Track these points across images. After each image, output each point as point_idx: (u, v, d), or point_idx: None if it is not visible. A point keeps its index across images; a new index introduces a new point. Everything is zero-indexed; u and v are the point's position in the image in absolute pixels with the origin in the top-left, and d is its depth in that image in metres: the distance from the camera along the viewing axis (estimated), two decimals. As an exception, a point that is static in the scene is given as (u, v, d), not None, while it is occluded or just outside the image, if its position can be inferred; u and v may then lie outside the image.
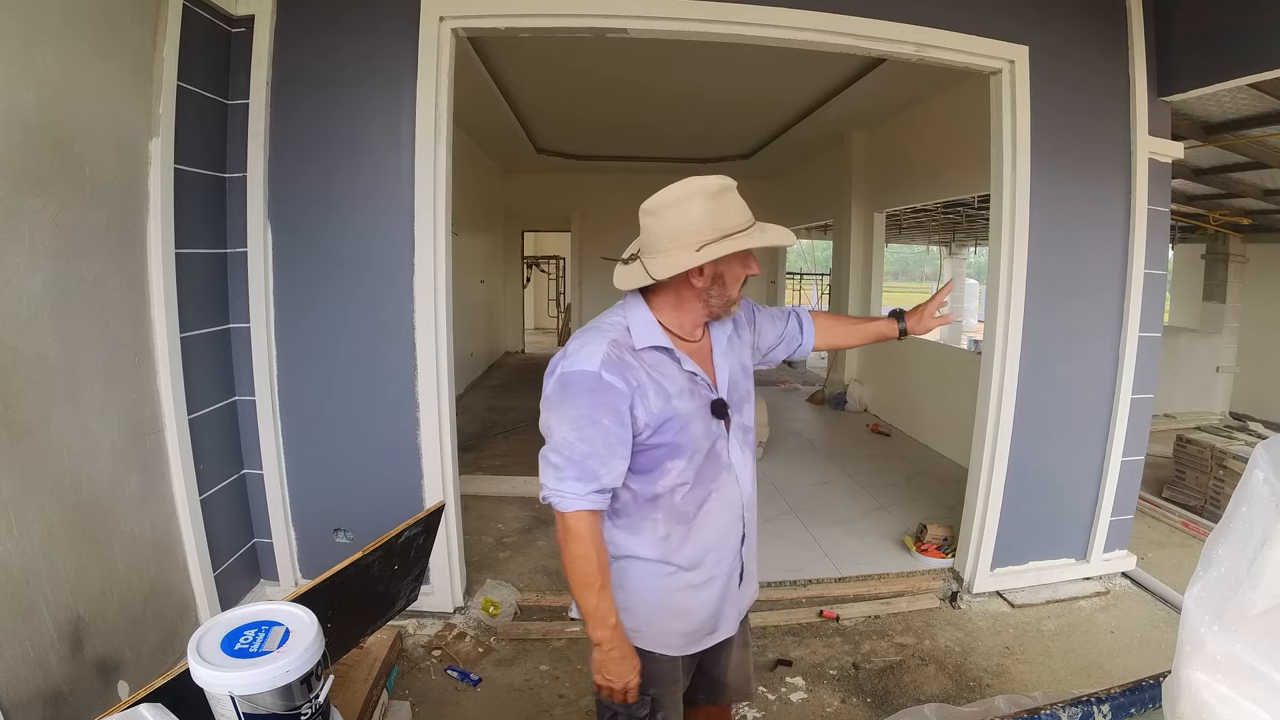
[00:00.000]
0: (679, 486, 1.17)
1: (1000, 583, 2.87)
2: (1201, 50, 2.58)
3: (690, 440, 1.16)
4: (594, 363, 1.09)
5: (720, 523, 1.23)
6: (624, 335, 1.14)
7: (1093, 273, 2.77)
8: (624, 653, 1.16)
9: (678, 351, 1.17)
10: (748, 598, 1.35)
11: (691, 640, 1.27)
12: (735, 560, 1.27)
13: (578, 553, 1.12)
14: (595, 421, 1.08)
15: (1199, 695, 0.75)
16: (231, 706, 0.78)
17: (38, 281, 1.62)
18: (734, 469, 1.24)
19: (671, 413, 1.13)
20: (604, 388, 1.08)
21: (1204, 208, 5.43)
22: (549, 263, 12.21)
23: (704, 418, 1.18)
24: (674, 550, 1.20)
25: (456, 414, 2.63)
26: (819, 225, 8.74)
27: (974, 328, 12.44)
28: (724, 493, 1.22)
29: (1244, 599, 0.77)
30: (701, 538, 1.21)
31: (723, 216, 1.11)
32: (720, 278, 1.16)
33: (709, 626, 1.27)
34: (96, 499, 1.81)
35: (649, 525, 1.19)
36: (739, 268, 1.18)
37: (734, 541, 1.26)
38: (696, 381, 1.18)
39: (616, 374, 1.09)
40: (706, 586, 1.24)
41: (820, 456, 4.95)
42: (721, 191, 1.13)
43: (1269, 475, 0.80)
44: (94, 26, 1.79)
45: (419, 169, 2.35)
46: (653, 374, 1.13)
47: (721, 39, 2.45)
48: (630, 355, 1.12)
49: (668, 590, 1.21)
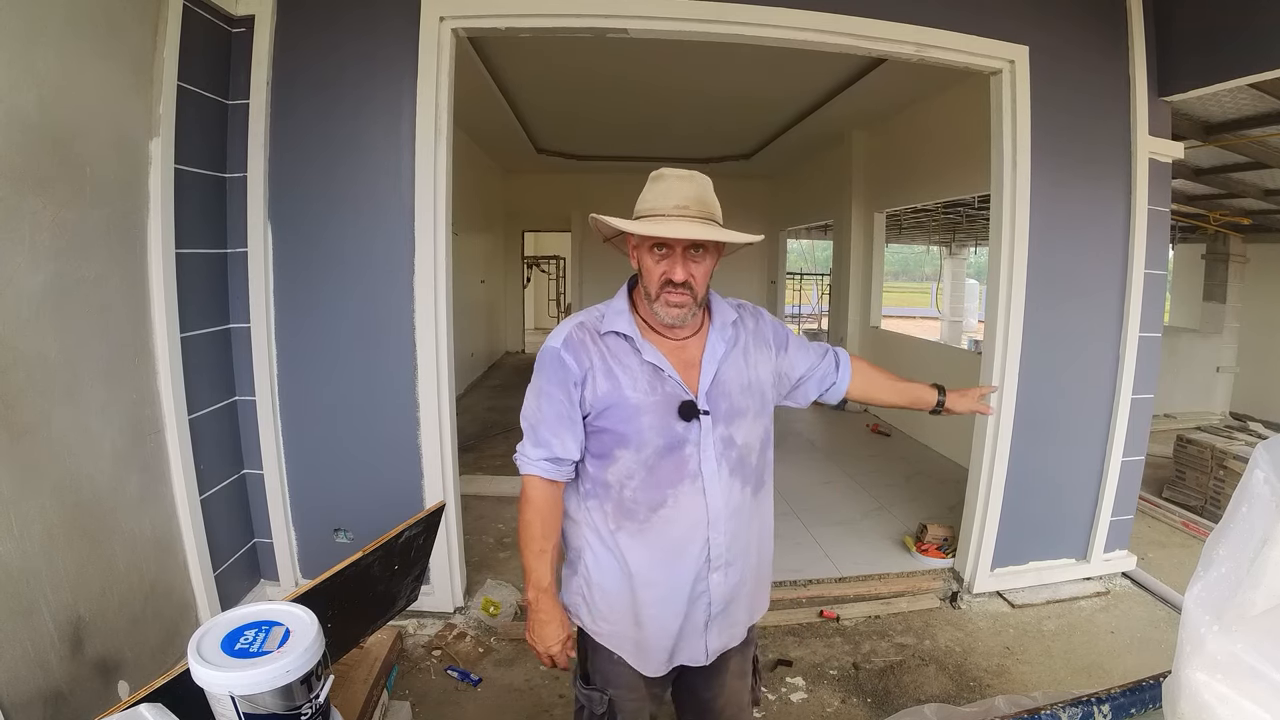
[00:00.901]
0: (627, 480, 1.17)
1: (1000, 583, 2.87)
2: (1202, 50, 2.58)
3: (637, 432, 1.14)
4: (558, 341, 1.18)
5: (676, 535, 1.17)
6: (595, 320, 1.20)
7: (1093, 273, 2.77)
8: (550, 616, 1.20)
9: (640, 340, 1.17)
10: (727, 634, 1.27)
11: (646, 656, 1.23)
12: (697, 585, 1.20)
13: (526, 517, 1.21)
14: (548, 394, 1.17)
15: (1199, 695, 0.75)
16: (232, 706, 0.78)
17: (38, 281, 1.62)
18: (702, 480, 1.16)
19: (617, 399, 1.14)
20: (559, 364, 1.16)
21: (1204, 208, 5.43)
22: (549, 263, 12.22)
23: (662, 413, 1.15)
24: (625, 548, 1.19)
25: (457, 414, 2.63)
26: (819, 225, 8.75)
27: (974, 328, 12.45)
28: (683, 503, 1.16)
29: (1244, 599, 0.77)
30: (654, 545, 1.18)
31: (641, 200, 1.16)
32: (639, 266, 1.17)
33: (663, 648, 1.23)
34: (97, 499, 1.81)
35: (600, 513, 1.21)
36: (648, 258, 1.14)
37: (692, 562, 1.18)
38: (661, 376, 1.16)
39: (571, 354, 1.16)
40: (659, 603, 1.20)
41: (820, 456, 4.95)
42: (657, 179, 1.16)
43: (1269, 475, 0.80)
44: (94, 27, 1.79)
45: (419, 169, 2.35)
46: (608, 359, 1.16)
47: (721, 39, 2.45)
48: (591, 338, 1.18)
49: (620, 591, 1.21)
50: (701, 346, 1.22)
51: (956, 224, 9.20)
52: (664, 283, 1.13)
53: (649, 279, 1.15)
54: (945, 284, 13.17)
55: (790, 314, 12.76)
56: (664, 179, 1.14)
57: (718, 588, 1.21)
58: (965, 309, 12.96)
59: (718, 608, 1.22)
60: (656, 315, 1.17)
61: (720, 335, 1.23)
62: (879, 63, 4.04)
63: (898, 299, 19.81)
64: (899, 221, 8.92)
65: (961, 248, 12.20)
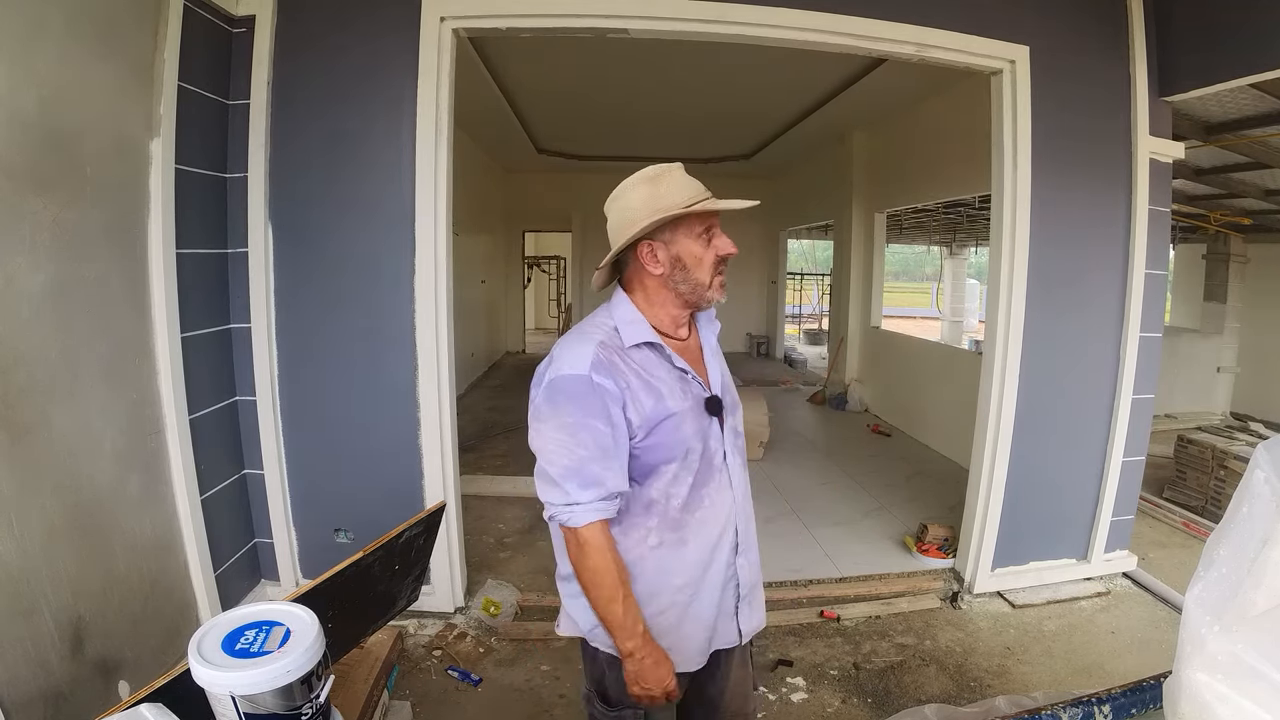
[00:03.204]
0: (674, 491, 1.14)
1: (1001, 583, 2.87)
2: (1202, 50, 2.58)
3: (682, 440, 1.12)
4: (583, 366, 1.06)
5: (712, 533, 1.18)
6: (612, 336, 1.12)
7: (1094, 273, 2.77)
8: (657, 659, 1.12)
9: (668, 349, 1.15)
10: (753, 620, 1.29)
11: (685, 655, 1.22)
12: (729, 571, 1.21)
13: (596, 566, 1.08)
14: (588, 426, 1.06)
15: (1200, 695, 0.75)
16: (232, 706, 0.78)
17: (39, 281, 1.62)
18: (728, 472, 1.20)
19: (665, 412, 1.10)
20: (594, 390, 1.05)
21: (1205, 208, 5.43)
22: (549, 263, 12.21)
23: (696, 416, 1.15)
24: (663, 561, 1.15)
25: (457, 414, 2.63)
26: (819, 225, 8.75)
27: (974, 328, 12.44)
28: (715, 499, 1.18)
29: (1245, 599, 0.77)
30: (692, 549, 1.17)
31: (659, 199, 1.12)
32: (679, 260, 1.13)
33: (703, 638, 1.22)
34: (97, 499, 1.81)
35: (638, 533, 1.15)
36: (696, 246, 1.13)
37: (726, 554, 1.20)
38: (688, 380, 1.16)
39: (607, 376, 1.06)
40: (696, 603, 1.19)
41: (821, 456, 4.95)
42: (659, 176, 1.14)
43: (1270, 475, 0.80)
44: (95, 27, 1.79)
45: (420, 169, 2.35)
46: (642, 374, 1.11)
47: (722, 39, 2.45)
48: (619, 356, 1.10)
49: (657, 610, 1.17)
50: (699, 343, 1.23)
51: (957, 224, 9.20)
52: (718, 261, 1.15)
53: (700, 267, 1.13)
54: (946, 284, 13.17)
55: (791, 314, 12.76)
56: (671, 171, 1.15)
57: (744, 570, 1.24)
58: (966, 309, 12.94)
59: (745, 589, 1.25)
60: (706, 303, 1.18)
61: (710, 330, 1.26)
62: (879, 63, 4.04)
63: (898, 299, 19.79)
64: (899, 221, 8.92)
65: (962, 248, 12.19)
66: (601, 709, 1.25)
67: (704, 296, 1.16)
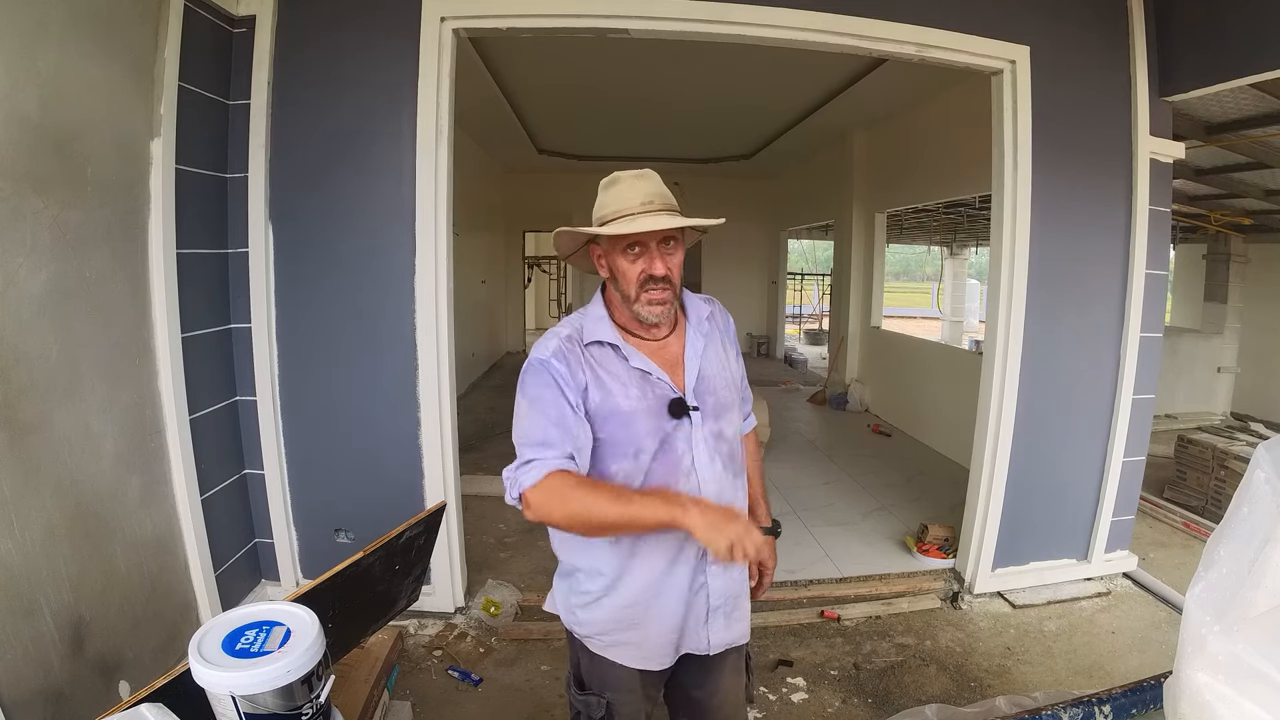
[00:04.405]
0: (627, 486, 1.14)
1: (1001, 583, 2.87)
2: (1203, 50, 2.58)
3: (632, 439, 1.13)
4: (547, 353, 1.14)
5: (668, 539, 1.15)
6: (577, 331, 1.18)
7: (1094, 273, 2.77)
8: (724, 512, 1.02)
9: (626, 347, 1.16)
10: (728, 633, 1.25)
11: (650, 654, 1.22)
12: (696, 579, 1.19)
13: (577, 496, 1.03)
14: (547, 399, 1.11)
15: (1200, 696, 0.75)
16: (232, 706, 0.78)
17: (40, 281, 1.62)
18: (696, 476, 1.16)
19: (611, 409, 1.12)
20: (554, 371, 1.12)
21: (1205, 208, 5.43)
22: (550, 263, 12.20)
23: (653, 417, 1.14)
24: (623, 556, 1.15)
25: (458, 414, 2.63)
26: (820, 225, 8.75)
27: (975, 328, 12.44)
28: None
29: (1245, 599, 0.77)
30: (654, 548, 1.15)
31: (602, 206, 1.15)
32: (613, 271, 1.15)
33: (668, 642, 1.21)
34: (98, 499, 1.81)
35: None
36: (622, 261, 1.12)
37: (690, 557, 1.17)
38: (649, 379, 1.16)
39: (565, 364, 1.12)
40: (660, 604, 1.18)
41: (821, 456, 4.95)
42: (611, 182, 1.16)
43: (1270, 476, 0.80)
44: (96, 27, 1.80)
45: (420, 169, 2.35)
46: (597, 369, 1.14)
47: (722, 39, 2.45)
48: (579, 350, 1.15)
49: (620, 602, 1.18)
50: (682, 344, 1.22)
51: (957, 224, 9.20)
52: (643, 281, 1.12)
53: (626, 281, 1.13)
54: (946, 284, 13.17)
55: (791, 314, 12.76)
56: (620, 181, 1.15)
57: (716, 579, 1.21)
58: (966, 309, 12.95)
59: (716, 600, 1.22)
60: (638, 317, 1.15)
61: (698, 331, 1.24)
62: (880, 63, 4.04)
63: (899, 299, 19.79)
64: (900, 221, 8.92)
65: (962, 248, 12.20)
66: (574, 693, 1.28)
67: (632, 309, 1.15)
